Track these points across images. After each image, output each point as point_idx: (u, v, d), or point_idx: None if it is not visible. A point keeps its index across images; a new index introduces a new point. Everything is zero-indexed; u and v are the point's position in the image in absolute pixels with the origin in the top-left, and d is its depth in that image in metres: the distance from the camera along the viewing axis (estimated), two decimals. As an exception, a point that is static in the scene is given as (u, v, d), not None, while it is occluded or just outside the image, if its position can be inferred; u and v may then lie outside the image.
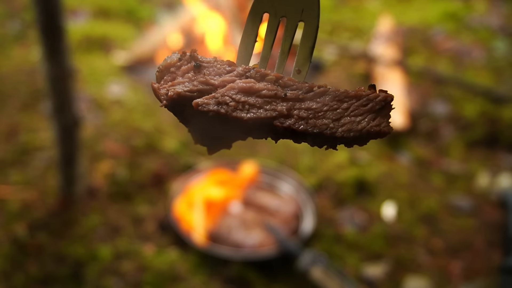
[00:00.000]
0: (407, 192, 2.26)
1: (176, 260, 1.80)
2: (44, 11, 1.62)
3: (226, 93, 0.56)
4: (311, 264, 1.65)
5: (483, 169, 2.45)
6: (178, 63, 0.58)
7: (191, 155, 2.42)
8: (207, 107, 0.55)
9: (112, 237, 1.91)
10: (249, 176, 2.19)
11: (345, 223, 2.07)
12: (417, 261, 1.88)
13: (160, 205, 2.09)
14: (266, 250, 1.80)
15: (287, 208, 2.01)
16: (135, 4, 4.86)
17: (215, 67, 0.58)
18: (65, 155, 1.94)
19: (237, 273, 1.70)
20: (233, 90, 0.56)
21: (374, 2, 5.22)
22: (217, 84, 0.56)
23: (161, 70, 0.58)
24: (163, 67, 0.58)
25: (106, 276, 1.73)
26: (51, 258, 1.78)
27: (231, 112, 0.55)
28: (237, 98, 0.56)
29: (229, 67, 0.58)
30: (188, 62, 0.57)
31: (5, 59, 3.45)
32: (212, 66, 0.58)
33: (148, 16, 4.63)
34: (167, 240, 1.92)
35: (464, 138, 2.70)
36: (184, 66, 0.57)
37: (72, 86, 1.82)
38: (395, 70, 3.10)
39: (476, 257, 1.90)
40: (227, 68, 0.58)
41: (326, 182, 2.29)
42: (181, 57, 0.58)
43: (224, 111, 0.55)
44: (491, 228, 2.07)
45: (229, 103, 0.56)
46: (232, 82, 0.57)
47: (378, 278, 1.79)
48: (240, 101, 0.56)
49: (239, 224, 1.89)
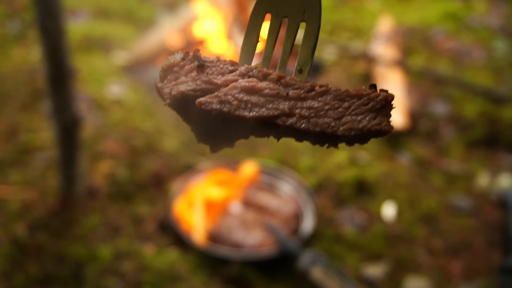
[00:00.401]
0: (407, 192, 2.27)
1: (176, 260, 1.80)
2: (44, 11, 1.62)
3: (228, 92, 0.56)
4: (311, 264, 1.65)
5: (483, 169, 2.45)
6: (181, 62, 0.58)
7: (191, 155, 2.42)
8: (210, 105, 0.56)
9: (112, 237, 1.91)
10: (249, 176, 2.19)
11: (345, 223, 2.07)
12: (417, 261, 1.88)
13: (160, 205, 2.10)
14: (266, 250, 1.80)
15: (287, 208, 2.02)
16: (135, 4, 4.86)
17: (218, 66, 0.58)
18: (65, 155, 1.94)
19: (237, 273, 1.71)
20: (236, 89, 0.56)
21: (374, 2, 5.23)
22: (220, 83, 0.57)
23: (164, 69, 0.58)
24: (166, 67, 0.58)
25: (106, 276, 1.73)
26: (51, 258, 1.78)
27: (233, 111, 0.56)
28: (239, 97, 0.56)
29: (232, 66, 0.58)
30: (191, 62, 0.58)
31: (5, 59, 3.45)
32: (215, 66, 0.58)
33: (148, 16, 4.63)
34: (167, 240, 1.92)
35: (464, 138, 2.71)
36: (187, 65, 0.58)
37: (72, 86, 1.83)
38: (395, 70, 3.10)
39: (476, 257, 1.91)
40: (229, 68, 0.58)
41: (326, 182, 2.29)
42: (184, 57, 0.58)
43: (227, 109, 0.56)
44: (491, 228, 2.07)
45: (232, 102, 0.56)
46: (234, 81, 0.57)
47: (378, 278, 1.79)
48: (243, 100, 0.56)
49: (239, 224, 1.89)
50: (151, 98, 2.97)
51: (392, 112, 0.60)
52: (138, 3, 4.92)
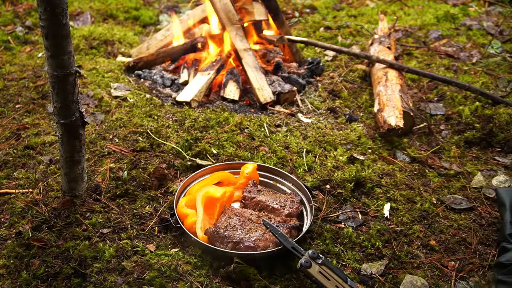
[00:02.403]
0: (405, 191, 2.30)
1: (177, 259, 1.83)
2: (48, 13, 1.65)
3: None
4: (310, 263, 1.68)
5: (479, 169, 2.48)
6: None
7: (192, 155, 2.45)
8: None
9: (114, 237, 1.94)
10: (249, 175, 2.22)
11: (344, 222, 2.10)
12: (414, 259, 1.91)
13: (162, 205, 2.13)
14: (266, 249, 1.82)
15: (287, 207, 2.04)
16: (139, 6, 4.90)
17: None
18: (68, 155, 1.97)
19: (237, 272, 1.73)
20: None
21: (374, 2, 5.26)
22: None
23: None
24: None
25: (109, 274, 1.76)
26: (54, 256, 1.81)
27: None
28: None
29: None
30: None
31: (11, 61, 3.49)
32: None
33: (152, 19, 4.67)
34: (168, 240, 1.95)
35: (460, 138, 2.74)
36: None
37: (76, 87, 1.85)
38: (393, 70, 3.13)
39: (472, 255, 1.94)
40: None
41: (325, 182, 2.32)
42: None
43: None
44: (487, 226, 2.10)
45: None
46: None
47: (376, 276, 1.82)
48: None
49: (239, 224, 1.91)
50: (154, 99, 3.00)
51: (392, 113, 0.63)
52: (141, 6, 4.96)
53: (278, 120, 2.86)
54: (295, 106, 3.08)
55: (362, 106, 3.10)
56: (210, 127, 2.69)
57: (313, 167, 2.43)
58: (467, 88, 3.03)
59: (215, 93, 3.18)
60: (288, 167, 2.43)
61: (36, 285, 1.71)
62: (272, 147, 2.56)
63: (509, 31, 4.16)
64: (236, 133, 2.66)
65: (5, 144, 2.52)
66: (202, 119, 2.75)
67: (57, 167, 2.33)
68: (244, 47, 3.19)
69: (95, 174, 2.29)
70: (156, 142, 2.53)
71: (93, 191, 2.15)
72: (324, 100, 3.16)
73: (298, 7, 5.06)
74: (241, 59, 3.15)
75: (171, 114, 2.81)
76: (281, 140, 2.64)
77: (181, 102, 2.99)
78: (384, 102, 2.80)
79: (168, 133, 2.61)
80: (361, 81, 3.43)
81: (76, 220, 1.99)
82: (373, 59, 3.26)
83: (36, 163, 2.38)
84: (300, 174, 2.38)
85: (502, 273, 1.76)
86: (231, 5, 3.22)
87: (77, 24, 4.31)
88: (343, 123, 2.90)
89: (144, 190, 2.21)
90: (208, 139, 2.57)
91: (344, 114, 3.00)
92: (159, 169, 2.31)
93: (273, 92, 3.09)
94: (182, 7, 5.04)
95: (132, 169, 2.31)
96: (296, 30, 4.39)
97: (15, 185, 2.22)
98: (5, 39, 3.91)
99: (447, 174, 2.46)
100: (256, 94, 3.05)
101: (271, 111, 2.99)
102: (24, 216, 2.01)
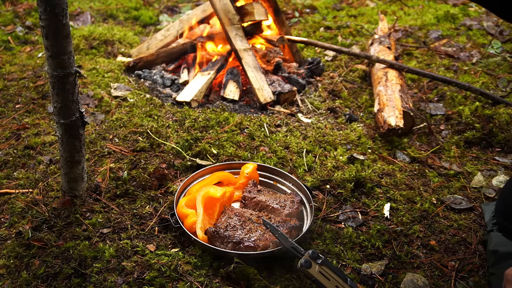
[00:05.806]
0: (405, 191, 2.30)
1: (177, 259, 1.83)
2: (48, 13, 1.65)
3: None
4: (310, 263, 1.68)
5: (479, 169, 2.48)
6: None
7: (192, 155, 2.45)
8: None
9: (114, 237, 1.94)
10: (249, 176, 2.22)
11: (344, 222, 2.10)
12: (414, 259, 1.91)
13: (162, 205, 2.13)
14: (266, 249, 1.82)
15: (287, 207, 2.04)
16: (139, 6, 4.90)
17: None
18: (68, 155, 1.97)
19: (237, 272, 1.73)
20: None
21: (374, 2, 5.26)
22: None
23: None
24: None
25: (109, 274, 1.76)
26: (54, 256, 1.81)
27: None
28: None
29: None
30: None
31: (11, 61, 3.49)
32: None
33: (152, 19, 4.67)
34: (168, 240, 1.95)
35: (460, 138, 2.74)
36: None
37: (76, 87, 1.85)
38: (393, 70, 3.13)
39: (472, 255, 1.94)
40: None
41: (325, 182, 2.32)
42: None
43: None
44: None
45: None
46: None
47: (376, 276, 1.82)
48: None
49: (239, 224, 1.91)
50: (154, 99, 3.01)
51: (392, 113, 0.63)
52: (141, 6, 4.96)
53: (278, 120, 2.86)
54: (295, 106, 3.09)
55: (362, 106, 3.10)
56: (210, 127, 2.70)
57: (313, 167, 2.43)
58: (467, 88, 3.03)
59: (215, 93, 3.18)
60: (288, 167, 2.43)
61: (36, 285, 1.71)
62: (272, 147, 2.56)
63: (509, 31, 4.17)
64: (236, 133, 2.66)
65: (5, 144, 2.53)
66: (202, 119, 2.75)
67: (57, 167, 2.33)
68: (244, 47, 3.19)
69: (95, 174, 2.29)
70: (156, 142, 2.53)
71: (93, 191, 2.15)
72: (324, 100, 3.17)
73: (298, 7, 5.06)
74: (241, 59, 3.16)
75: (171, 114, 2.82)
76: (281, 140, 2.64)
77: (181, 102, 2.99)
78: (384, 102, 2.80)
79: (168, 133, 2.62)
80: (361, 81, 3.43)
81: (76, 220, 1.99)
82: (373, 59, 3.26)
83: (36, 163, 2.38)
84: (300, 174, 2.38)
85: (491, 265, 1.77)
86: (231, 5, 3.22)
87: (77, 24, 4.31)
88: (343, 123, 2.91)
89: (144, 190, 2.21)
90: (208, 139, 2.58)
91: (344, 114, 3.00)
92: (159, 169, 2.31)
93: (273, 92, 3.09)
94: (182, 7, 5.04)
95: (132, 169, 2.31)
96: (296, 30, 4.39)
97: (15, 185, 2.22)
98: (5, 39, 3.91)
99: (447, 174, 2.46)
100: (256, 94, 3.05)
101: (271, 111, 3.00)
102: (24, 216, 2.01)
